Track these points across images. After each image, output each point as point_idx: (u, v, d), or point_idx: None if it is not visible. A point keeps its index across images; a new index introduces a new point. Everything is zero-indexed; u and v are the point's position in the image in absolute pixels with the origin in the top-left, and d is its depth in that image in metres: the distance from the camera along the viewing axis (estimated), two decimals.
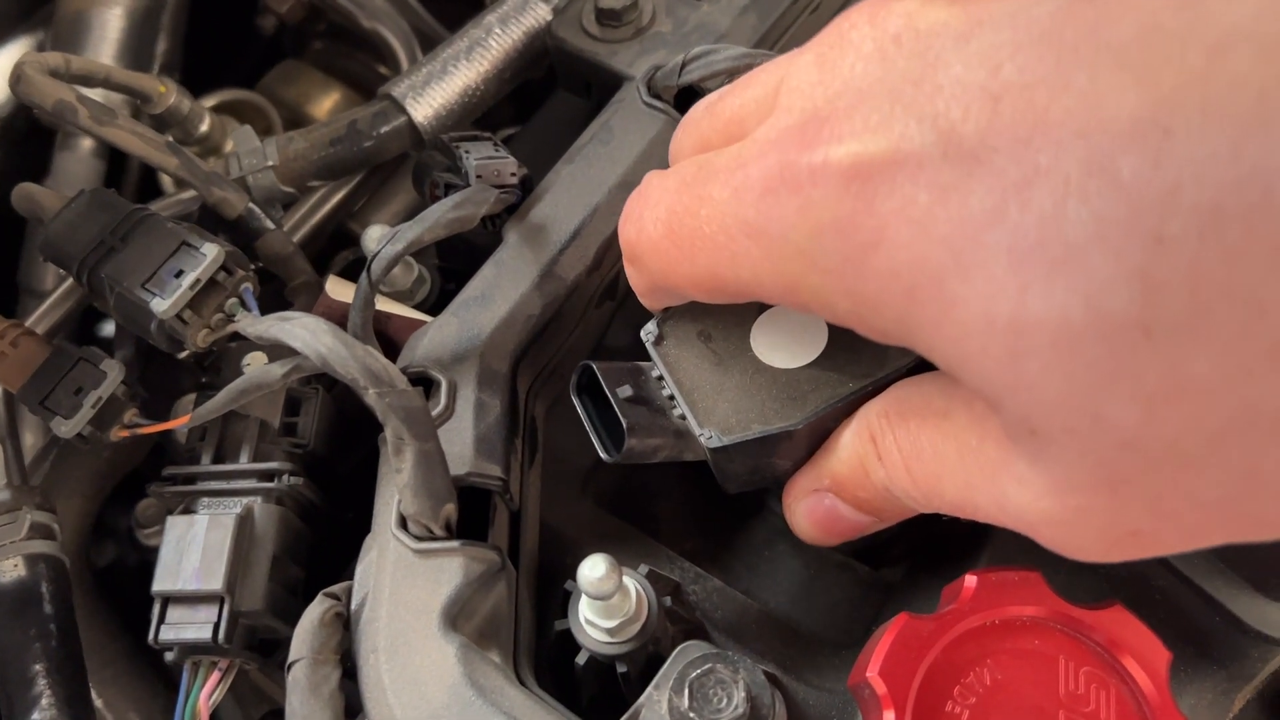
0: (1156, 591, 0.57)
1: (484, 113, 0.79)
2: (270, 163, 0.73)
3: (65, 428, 0.58)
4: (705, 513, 0.72)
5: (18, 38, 0.98)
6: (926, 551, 0.67)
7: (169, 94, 0.79)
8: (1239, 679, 0.60)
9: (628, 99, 0.69)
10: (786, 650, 0.62)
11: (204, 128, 0.83)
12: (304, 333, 0.53)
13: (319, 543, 0.64)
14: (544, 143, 0.80)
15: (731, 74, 0.64)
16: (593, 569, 0.53)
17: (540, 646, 0.60)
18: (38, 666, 0.58)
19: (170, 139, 0.68)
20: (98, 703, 0.72)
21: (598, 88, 0.73)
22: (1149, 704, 0.54)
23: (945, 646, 0.54)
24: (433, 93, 0.75)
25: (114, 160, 0.90)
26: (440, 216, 0.59)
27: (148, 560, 0.71)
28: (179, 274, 0.58)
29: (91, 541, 0.77)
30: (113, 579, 0.82)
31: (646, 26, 0.72)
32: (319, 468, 0.64)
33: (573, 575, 0.54)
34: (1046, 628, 0.55)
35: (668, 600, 0.58)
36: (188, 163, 0.67)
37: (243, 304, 0.60)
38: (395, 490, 0.56)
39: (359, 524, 0.60)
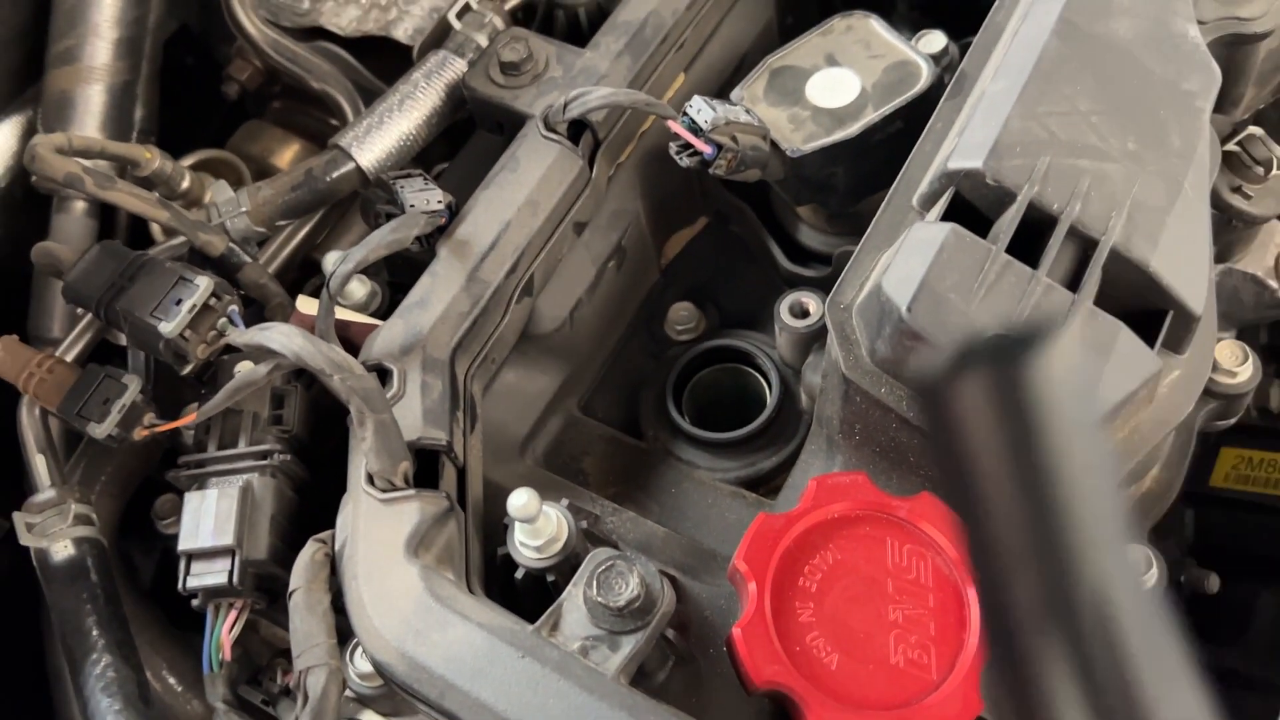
0: None
1: (419, 153, 0.95)
2: (244, 209, 0.88)
3: (99, 430, 0.74)
4: (624, 466, 0.88)
5: (10, 115, 1.13)
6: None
7: (154, 159, 0.95)
8: None
9: (530, 134, 0.85)
10: (686, 560, 0.78)
11: (185, 184, 0.99)
12: (280, 337, 0.68)
13: (307, 508, 0.79)
14: (469, 173, 0.96)
15: (602, 109, 0.81)
16: (517, 497, 0.69)
17: (490, 575, 0.76)
18: (91, 621, 0.73)
19: (159, 196, 0.84)
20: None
21: (507, 126, 0.89)
22: (956, 568, 0.70)
23: (795, 537, 0.70)
24: (374, 141, 0.91)
25: (104, 218, 1.05)
26: (381, 239, 0.75)
27: (168, 548, 0.86)
28: (179, 302, 0.74)
29: (119, 538, 0.92)
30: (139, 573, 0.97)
31: (542, 73, 0.88)
32: (303, 450, 0.80)
33: None
34: (875, 517, 0.71)
35: (584, 524, 0.74)
36: (176, 214, 0.83)
37: (231, 322, 0.75)
38: (362, 455, 0.72)
39: (339, 493, 0.75)
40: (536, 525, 0.70)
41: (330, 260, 0.82)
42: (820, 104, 0.86)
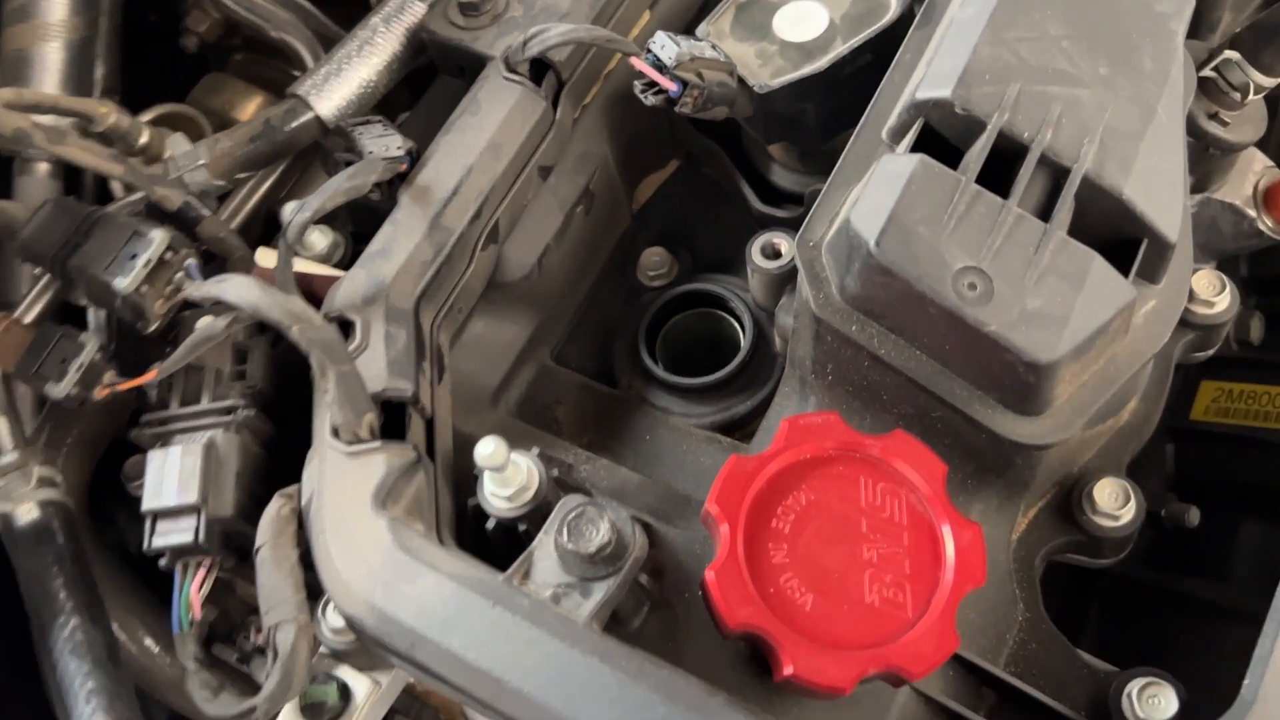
0: (938, 421, 0.72)
1: (381, 100, 0.92)
2: (202, 161, 0.86)
3: (57, 390, 0.72)
4: (598, 414, 0.87)
5: None
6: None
7: (110, 114, 0.92)
8: (1015, 485, 0.76)
9: (491, 75, 0.83)
10: (661, 505, 0.77)
11: (144, 140, 0.96)
12: (236, 289, 0.67)
13: (274, 464, 0.78)
14: (431, 120, 0.94)
15: (563, 46, 0.79)
16: (484, 446, 0.68)
17: (461, 526, 0.75)
18: (58, 584, 0.73)
19: (115, 151, 0.82)
20: (113, 626, 0.87)
21: (469, 69, 0.87)
22: (930, 506, 0.69)
23: (768, 479, 0.69)
24: (333, 89, 0.89)
25: (69, 178, 1.03)
26: (338, 186, 0.73)
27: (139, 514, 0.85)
28: (134, 256, 0.72)
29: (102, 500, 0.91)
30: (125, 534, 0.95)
31: (501, 13, 0.86)
32: (269, 404, 0.78)
33: None
34: (847, 457, 0.70)
35: (555, 472, 0.73)
36: (131, 168, 0.81)
37: (189, 275, 0.74)
38: (325, 408, 0.70)
39: (306, 448, 0.74)
40: (505, 474, 0.69)
41: (288, 210, 0.80)
42: (788, 38, 0.84)
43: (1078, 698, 0.74)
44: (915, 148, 0.71)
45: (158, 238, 0.72)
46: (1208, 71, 0.83)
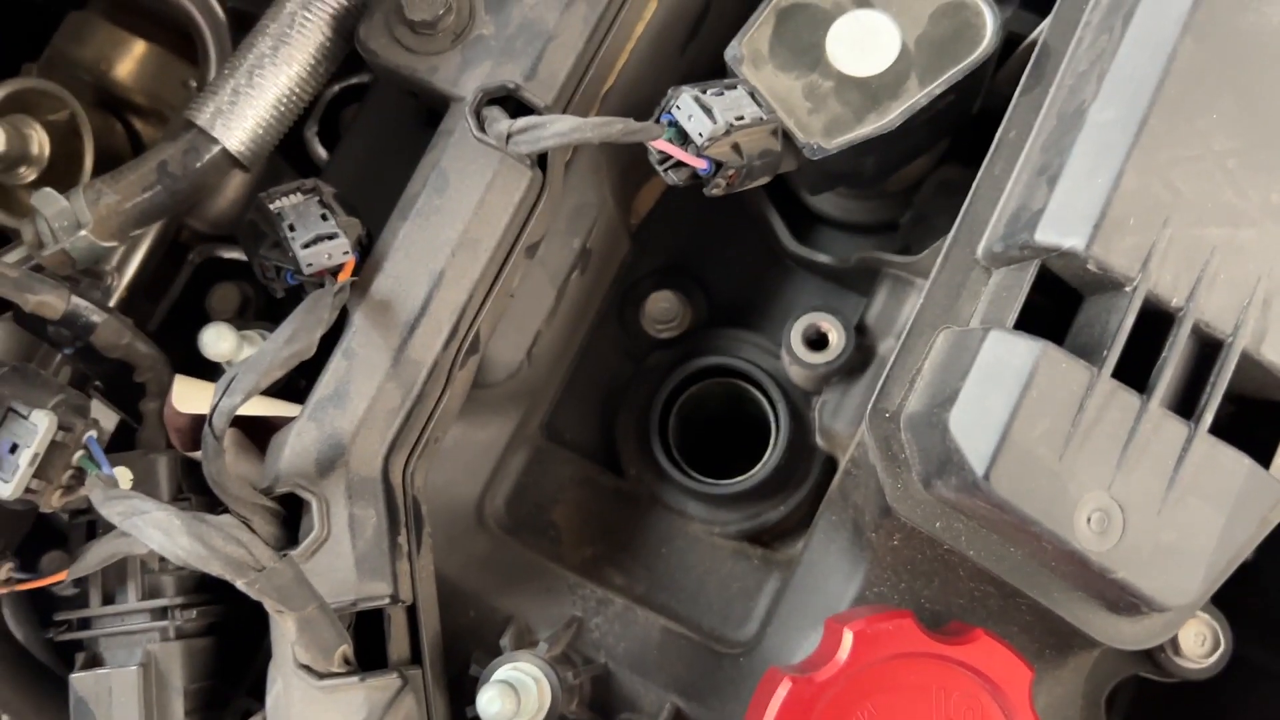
0: (1022, 604, 0.61)
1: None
2: (84, 226, 0.66)
3: None
4: (603, 515, 0.74)
5: None
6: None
7: None
8: (1095, 651, 0.66)
9: (458, 132, 0.63)
10: (688, 674, 0.66)
11: (1, 146, 0.75)
12: (159, 535, 0.51)
13: (229, 637, 0.65)
14: (377, 145, 0.74)
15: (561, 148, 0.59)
16: (489, 705, 0.56)
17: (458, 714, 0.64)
18: None
19: None
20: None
21: (423, 97, 0.66)
22: (1014, 718, 0.59)
23: (828, 702, 0.58)
24: (242, 112, 0.67)
25: None
26: (274, 358, 0.56)
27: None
28: (14, 449, 0.55)
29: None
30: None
31: (464, 32, 0.64)
32: (209, 581, 0.64)
33: (478, 632, 0.57)
34: (920, 662, 0.59)
35: (568, 674, 0.61)
36: None
37: (91, 457, 0.57)
38: (288, 643, 0.57)
39: None
40: (517, 697, 0.58)
41: (209, 341, 0.62)
42: (847, 69, 0.64)
43: None
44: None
45: (41, 426, 0.55)
46: None
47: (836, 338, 0.67)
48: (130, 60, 0.84)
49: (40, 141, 0.80)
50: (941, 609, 0.63)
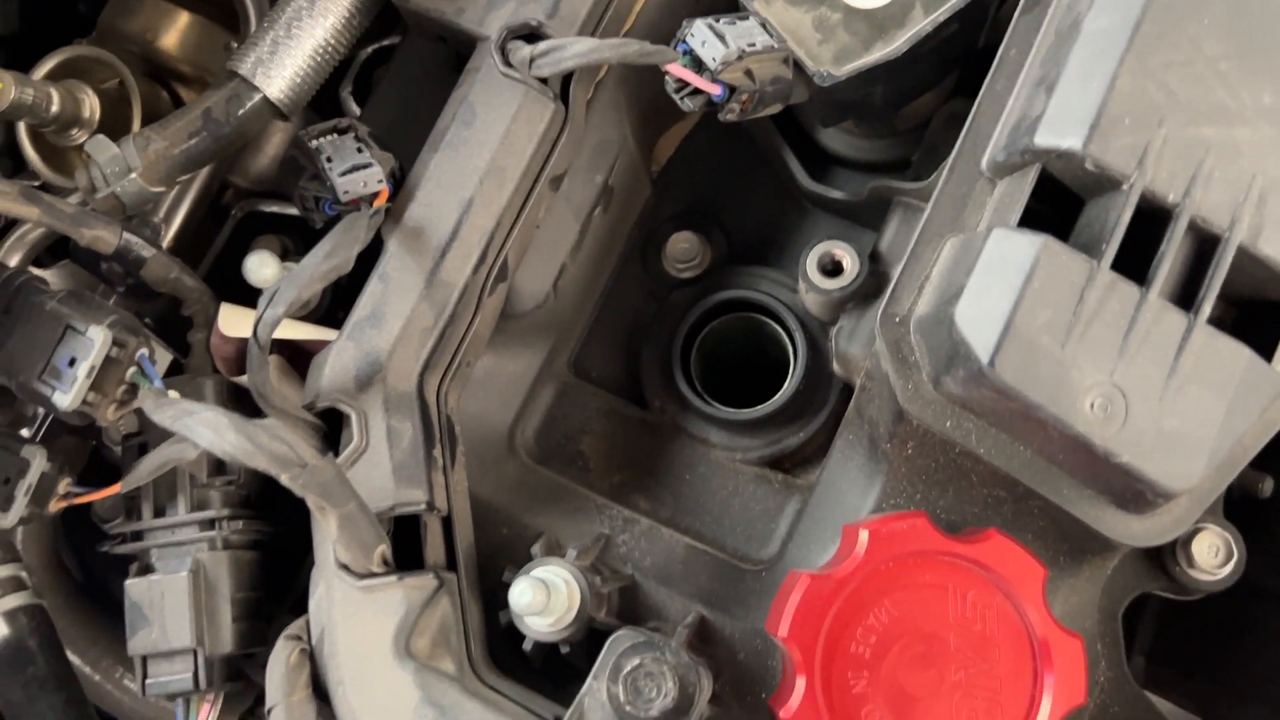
0: (1035, 507, 0.63)
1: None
2: (134, 170, 0.70)
3: (7, 520, 0.61)
4: (629, 444, 0.77)
5: None
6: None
7: (7, 89, 0.74)
8: (1109, 558, 0.68)
9: (485, 71, 0.66)
10: (712, 586, 0.69)
11: (55, 108, 0.79)
12: (208, 432, 0.55)
13: (272, 552, 0.68)
14: (412, 90, 0.77)
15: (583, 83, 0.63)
16: (520, 596, 0.58)
17: (492, 626, 0.66)
18: (47, 716, 0.64)
19: (25, 184, 0.66)
20: (95, 677, 0.80)
21: (451, 41, 0.70)
22: (1028, 616, 0.61)
23: (846, 598, 0.60)
24: (281, 62, 0.71)
25: None
26: (314, 271, 0.59)
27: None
28: (72, 362, 0.59)
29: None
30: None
31: None
32: (255, 490, 0.68)
33: (510, 548, 0.60)
34: (935, 562, 0.61)
35: (597, 580, 0.64)
36: (49, 208, 0.65)
37: (143, 372, 0.61)
38: (329, 543, 0.60)
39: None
40: (548, 593, 0.60)
41: (253, 266, 0.66)
42: (854, 3, 0.67)
43: None
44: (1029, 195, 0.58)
45: (97, 340, 0.59)
46: None
47: (851, 264, 0.70)
48: (175, 30, 0.89)
49: (91, 106, 0.84)
50: (957, 518, 0.65)
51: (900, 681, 0.60)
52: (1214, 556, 0.70)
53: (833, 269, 0.70)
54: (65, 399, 0.59)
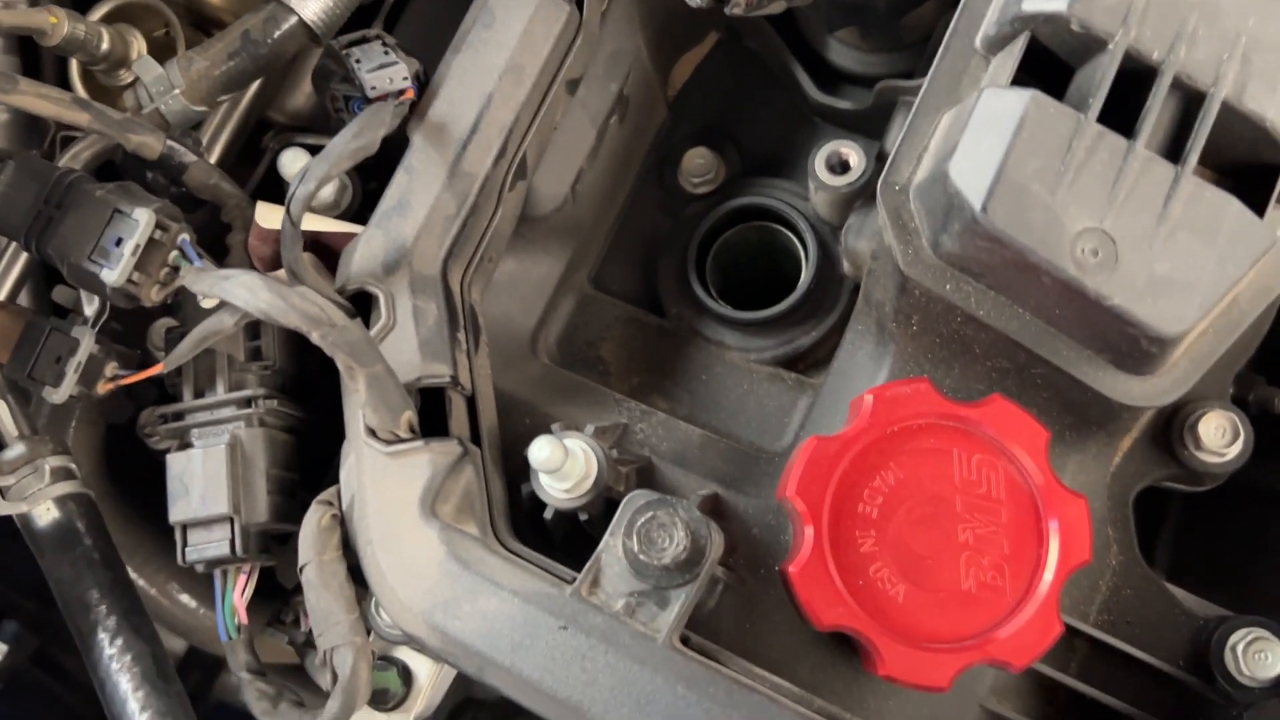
0: (1038, 377, 0.65)
1: None
2: (177, 88, 0.75)
3: (56, 395, 0.65)
4: (647, 349, 0.80)
5: None
6: None
7: (61, 24, 0.80)
8: (1116, 434, 0.69)
9: None
10: (727, 468, 0.71)
11: (105, 45, 0.84)
12: (244, 292, 0.58)
13: (305, 441, 0.72)
14: (437, 9, 0.81)
15: None
16: (539, 449, 0.61)
17: (515, 503, 0.69)
18: (93, 593, 0.68)
19: (74, 95, 0.71)
20: (150, 591, 0.83)
21: None
22: (1031, 478, 0.63)
23: (852, 459, 0.62)
24: None
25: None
26: (343, 149, 0.63)
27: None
28: (119, 242, 0.63)
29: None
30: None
31: None
32: (290, 378, 0.71)
33: (533, 437, 0.62)
34: (939, 428, 0.63)
35: (614, 452, 0.66)
36: (99, 115, 0.70)
37: (184, 255, 0.65)
38: (358, 407, 0.63)
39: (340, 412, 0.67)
40: (564, 469, 0.63)
41: (287, 161, 0.70)
42: None
43: (1175, 646, 0.70)
44: (1020, 65, 0.60)
45: (142, 220, 0.63)
46: None
47: (857, 160, 0.72)
48: None
49: (140, 49, 0.89)
50: (963, 395, 0.67)
51: (907, 541, 0.62)
52: (1221, 437, 0.71)
53: (840, 168, 0.73)
54: (112, 275, 0.63)
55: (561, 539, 0.69)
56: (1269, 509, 0.89)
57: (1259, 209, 0.60)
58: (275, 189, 0.90)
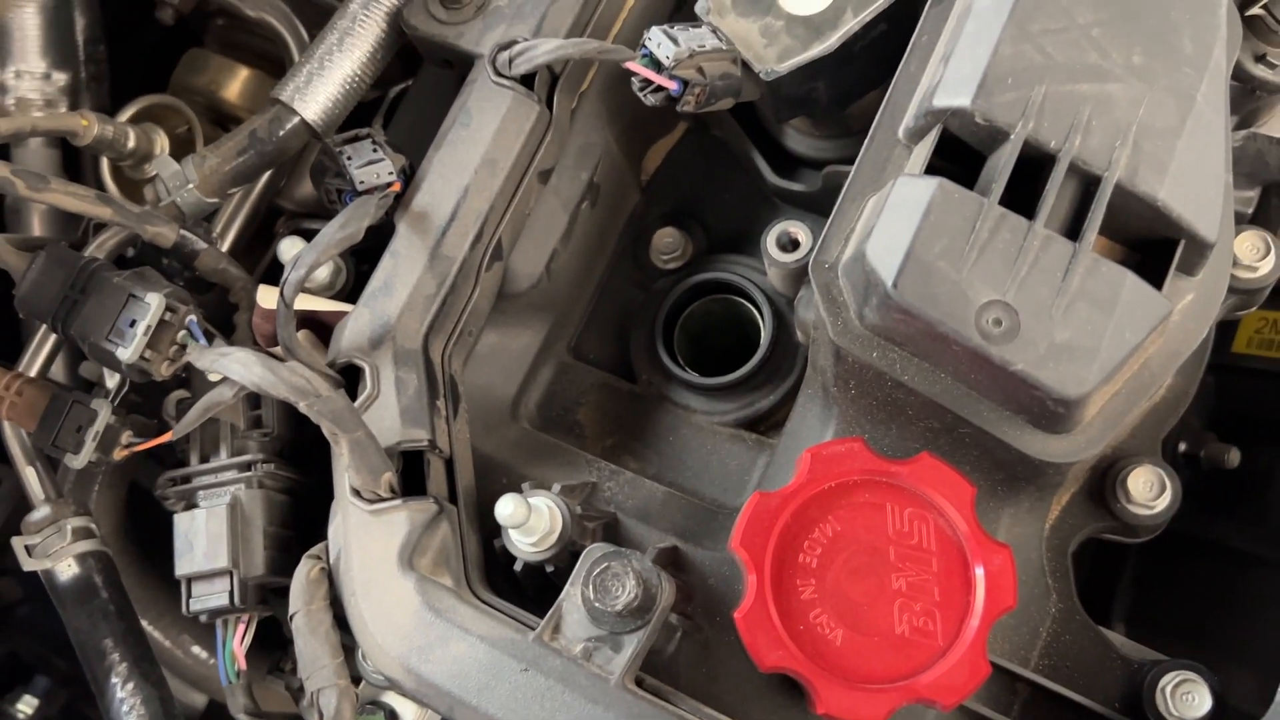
0: (966, 436, 0.70)
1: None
2: (191, 183, 0.83)
3: (76, 461, 0.73)
4: (620, 413, 0.86)
5: None
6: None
7: (91, 125, 0.89)
8: (1048, 488, 0.74)
9: (479, 80, 0.78)
10: (687, 522, 0.77)
11: (131, 143, 0.93)
12: (239, 367, 0.66)
13: (301, 501, 0.78)
14: (426, 110, 0.90)
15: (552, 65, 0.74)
16: (504, 506, 0.67)
17: (490, 558, 0.75)
18: (107, 642, 0.74)
19: (98, 191, 0.79)
20: (165, 643, 0.90)
21: (456, 63, 0.82)
22: (959, 530, 0.68)
23: (792, 514, 0.68)
24: (316, 89, 0.84)
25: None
26: (330, 239, 0.71)
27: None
28: (133, 323, 0.71)
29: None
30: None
31: (486, 3, 0.80)
32: (288, 445, 0.78)
33: None
34: (874, 483, 0.69)
35: (579, 509, 0.72)
36: (119, 209, 0.78)
37: (191, 334, 0.72)
38: (344, 470, 0.70)
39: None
40: (529, 524, 0.69)
41: (284, 249, 0.78)
42: (794, 10, 0.77)
43: (1111, 689, 0.75)
44: (936, 152, 0.67)
45: (153, 304, 0.71)
46: (1256, 9, 0.77)
47: (805, 238, 0.78)
48: (236, 83, 1.03)
49: (162, 145, 0.98)
50: (902, 454, 0.72)
51: (845, 588, 0.68)
52: (1149, 490, 0.76)
53: (790, 245, 0.79)
54: (126, 353, 0.71)
55: (535, 591, 0.75)
56: (1221, 562, 0.93)
57: (1158, 277, 0.65)
58: (280, 272, 0.99)
